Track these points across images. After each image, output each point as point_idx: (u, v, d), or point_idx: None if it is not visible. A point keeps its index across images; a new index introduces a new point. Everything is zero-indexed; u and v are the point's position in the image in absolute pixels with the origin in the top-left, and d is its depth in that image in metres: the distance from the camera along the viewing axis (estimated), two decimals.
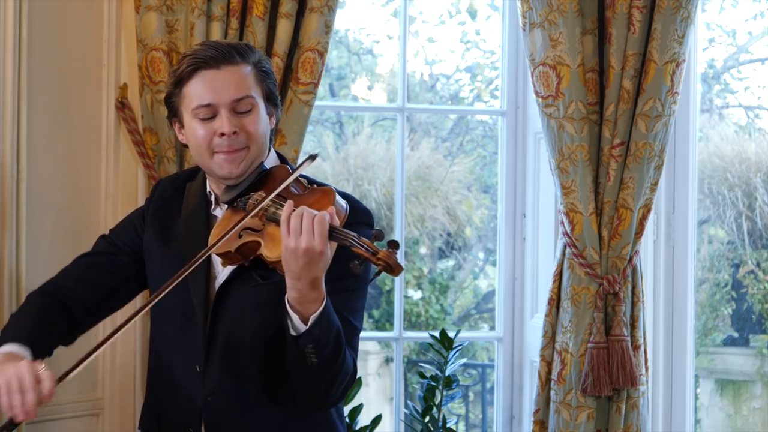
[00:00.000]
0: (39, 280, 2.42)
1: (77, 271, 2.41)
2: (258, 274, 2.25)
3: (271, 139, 2.35)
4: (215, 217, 2.35)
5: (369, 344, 8.44)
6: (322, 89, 7.30)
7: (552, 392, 3.50)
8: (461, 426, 7.79)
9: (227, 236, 2.17)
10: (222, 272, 2.31)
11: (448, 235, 8.90)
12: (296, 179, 2.23)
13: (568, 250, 3.47)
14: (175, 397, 2.34)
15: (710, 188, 8.10)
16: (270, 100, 2.33)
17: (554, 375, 3.49)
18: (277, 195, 2.18)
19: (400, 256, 2.04)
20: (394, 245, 2.03)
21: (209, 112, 2.25)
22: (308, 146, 8.22)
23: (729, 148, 8.11)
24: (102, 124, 3.40)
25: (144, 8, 3.29)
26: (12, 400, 2.10)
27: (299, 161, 2.48)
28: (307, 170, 2.28)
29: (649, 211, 3.49)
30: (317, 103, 3.44)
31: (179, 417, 2.33)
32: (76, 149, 3.36)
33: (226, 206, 2.30)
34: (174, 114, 2.33)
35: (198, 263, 2.17)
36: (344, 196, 2.31)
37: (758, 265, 8.07)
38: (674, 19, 3.38)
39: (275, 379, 2.25)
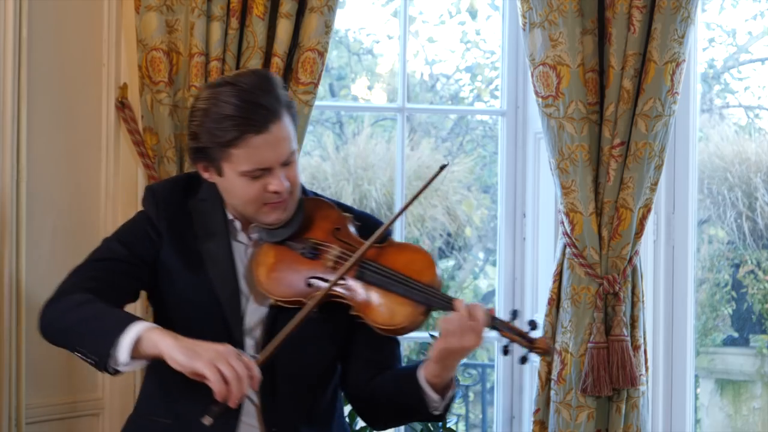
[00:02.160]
0: (39, 280, 2.42)
1: (105, 274, 2.30)
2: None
3: None
4: (240, 243, 2.32)
5: None
6: (322, 89, 7.29)
7: (552, 392, 3.50)
8: (461, 426, 7.78)
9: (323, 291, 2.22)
10: (251, 303, 2.31)
11: (448, 235, 8.90)
12: (346, 216, 2.31)
13: (568, 250, 3.47)
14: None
15: (710, 188, 8.09)
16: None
17: (554, 375, 3.49)
18: (347, 245, 2.25)
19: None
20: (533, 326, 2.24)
21: (262, 172, 2.21)
22: (308, 146, 8.20)
23: (729, 148, 8.11)
24: (102, 124, 3.40)
25: (144, 8, 3.29)
26: (230, 390, 2.06)
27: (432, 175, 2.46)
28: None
29: (649, 211, 3.48)
30: (317, 103, 3.44)
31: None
32: (76, 149, 3.36)
33: (256, 236, 2.30)
34: (208, 162, 2.25)
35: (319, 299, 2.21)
36: (351, 209, 2.38)
37: (758, 265, 8.06)
38: (674, 19, 3.38)
39: (319, 407, 2.35)
